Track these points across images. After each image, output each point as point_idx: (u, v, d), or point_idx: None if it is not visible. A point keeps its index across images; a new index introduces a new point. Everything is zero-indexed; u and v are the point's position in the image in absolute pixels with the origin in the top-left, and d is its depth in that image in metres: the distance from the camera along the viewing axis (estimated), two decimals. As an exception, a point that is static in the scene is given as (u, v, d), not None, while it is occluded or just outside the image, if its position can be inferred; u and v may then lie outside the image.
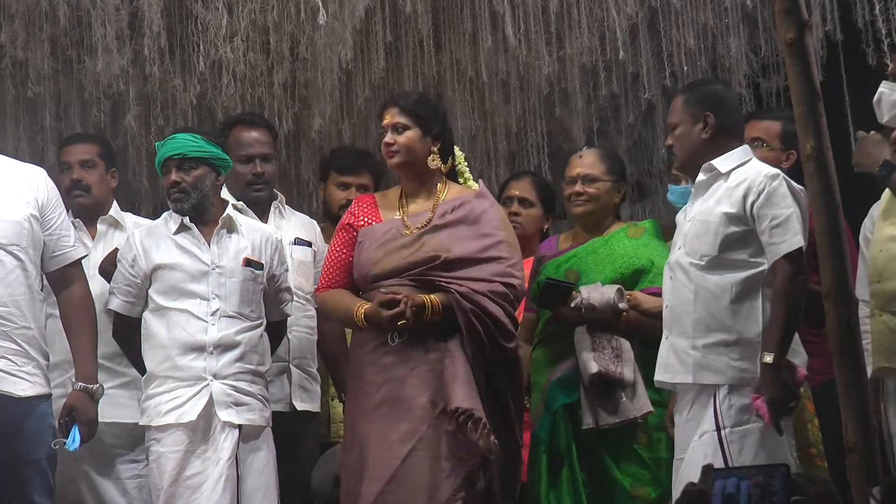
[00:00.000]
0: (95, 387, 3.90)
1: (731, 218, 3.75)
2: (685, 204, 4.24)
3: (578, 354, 4.15)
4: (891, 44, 4.69)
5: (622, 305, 4.15)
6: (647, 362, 4.14)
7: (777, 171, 3.81)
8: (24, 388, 3.77)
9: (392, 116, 4.03)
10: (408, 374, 3.81)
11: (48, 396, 3.90)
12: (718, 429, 3.66)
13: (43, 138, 5.45)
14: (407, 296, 3.78)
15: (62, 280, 3.97)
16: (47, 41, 5.14)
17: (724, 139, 3.87)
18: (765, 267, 3.72)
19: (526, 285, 4.23)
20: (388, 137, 4.02)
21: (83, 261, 4.22)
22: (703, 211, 3.82)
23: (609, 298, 4.14)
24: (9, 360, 3.76)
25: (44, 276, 4.02)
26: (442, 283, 3.85)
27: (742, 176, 3.79)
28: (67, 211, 4.19)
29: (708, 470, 3.26)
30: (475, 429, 3.67)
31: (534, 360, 4.33)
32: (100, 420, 4.29)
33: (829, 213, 3.30)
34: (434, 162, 4.03)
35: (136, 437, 4.26)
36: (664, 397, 4.13)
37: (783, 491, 3.05)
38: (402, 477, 3.73)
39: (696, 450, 3.70)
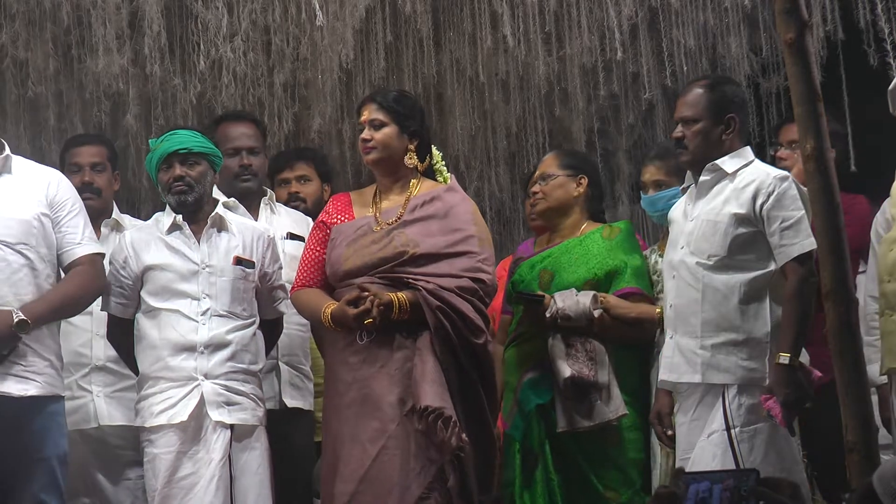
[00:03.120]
0: (19, 317, 3.70)
1: (739, 219, 3.75)
2: (657, 212, 4.26)
3: (552, 358, 4.11)
4: (893, 42, 4.68)
5: (596, 313, 4.11)
6: (620, 364, 4.14)
7: (786, 172, 3.82)
8: (27, 388, 3.76)
9: (369, 112, 4.02)
10: (377, 373, 3.80)
11: (59, 397, 3.89)
12: (728, 428, 3.67)
13: (44, 138, 5.45)
14: (374, 293, 3.77)
15: (69, 271, 3.96)
16: (48, 41, 5.14)
17: (736, 141, 3.88)
18: (772, 268, 3.73)
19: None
20: (365, 133, 4.01)
21: None
22: (709, 211, 3.82)
23: (584, 307, 4.10)
24: (12, 360, 3.75)
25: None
26: (409, 280, 3.84)
27: (750, 177, 3.80)
28: None
29: (679, 473, 3.27)
30: (445, 427, 3.66)
31: (506, 360, 4.31)
32: (105, 423, 4.32)
33: (829, 213, 3.31)
34: (410, 160, 4.03)
35: (141, 440, 4.27)
36: (637, 399, 4.14)
37: (752, 495, 3.07)
38: (374, 476, 3.73)
39: (704, 449, 3.70)
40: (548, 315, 4.11)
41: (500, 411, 4.27)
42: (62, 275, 3.97)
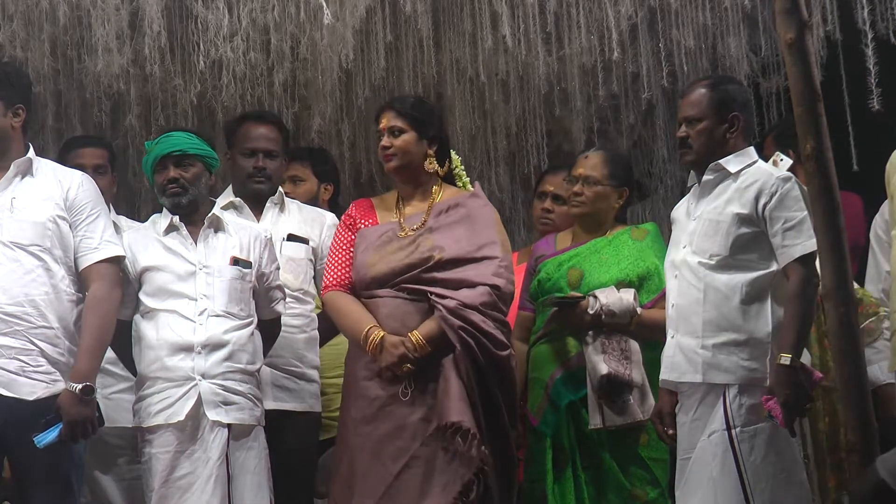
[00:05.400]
0: (79, 385, 3.75)
1: (742, 219, 3.75)
2: None
3: (588, 355, 4.16)
4: (879, 44, 4.67)
5: (639, 310, 4.17)
6: (648, 363, 4.16)
7: (789, 173, 3.82)
8: (35, 389, 3.75)
9: (388, 120, 4.04)
10: (400, 391, 3.81)
11: None
12: (729, 428, 3.67)
13: (43, 138, 5.45)
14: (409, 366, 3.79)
15: (86, 281, 3.93)
16: (47, 41, 5.14)
17: (740, 140, 3.88)
18: (774, 268, 3.73)
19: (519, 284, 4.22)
20: (385, 141, 4.03)
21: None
22: (712, 210, 3.82)
23: (629, 304, 4.15)
24: (20, 360, 3.75)
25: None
26: (432, 299, 3.84)
27: (753, 177, 3.80)
28: None
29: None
30: (464, 440, 3.68)
31: (535, 356, 4.33)
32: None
33: (829, 213, 3.31)
34: (431, 165, 4.04)
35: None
36: None
37: None
38: (395, 493, 3.74)
39: (704, 449, 3.71)
40: (591, 312, 4.14)
41: (522, 410, 4.29)
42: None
